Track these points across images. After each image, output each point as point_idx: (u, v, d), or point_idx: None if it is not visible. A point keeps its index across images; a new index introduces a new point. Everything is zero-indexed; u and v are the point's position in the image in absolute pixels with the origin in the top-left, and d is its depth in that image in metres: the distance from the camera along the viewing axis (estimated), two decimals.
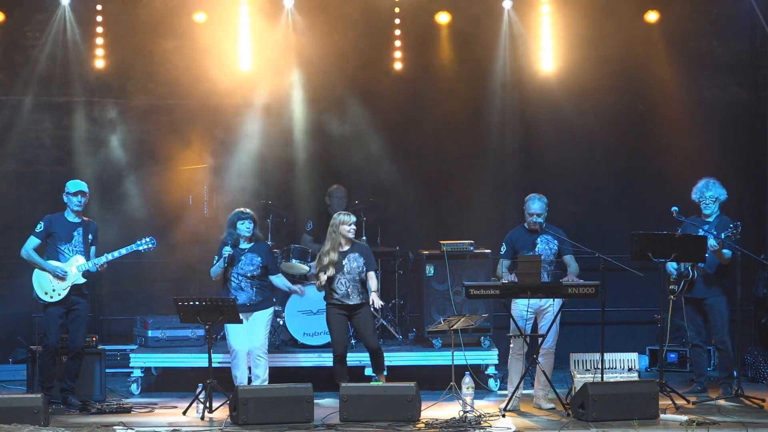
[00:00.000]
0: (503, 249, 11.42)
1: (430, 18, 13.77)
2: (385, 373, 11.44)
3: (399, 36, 13.74)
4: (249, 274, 11.37)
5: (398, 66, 13.79)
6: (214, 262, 11.45)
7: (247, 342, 11.35)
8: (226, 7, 13.48)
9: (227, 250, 11.31)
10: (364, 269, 11.31)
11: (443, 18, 13.80)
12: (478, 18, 13.70)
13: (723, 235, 11.33)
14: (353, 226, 11.34)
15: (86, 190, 11.42)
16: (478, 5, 13.69)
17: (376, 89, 13.79)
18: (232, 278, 11.39)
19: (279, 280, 11.60)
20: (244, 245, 11.41)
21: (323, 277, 11.26)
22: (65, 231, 11.36)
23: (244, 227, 11.38)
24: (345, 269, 11.26)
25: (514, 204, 11.93)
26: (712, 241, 11.36)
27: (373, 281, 11.33)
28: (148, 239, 11.53)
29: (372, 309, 11.33)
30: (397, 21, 13.71)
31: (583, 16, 13.59)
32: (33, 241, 11.36)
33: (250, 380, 11.45)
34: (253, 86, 13.76)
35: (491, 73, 13.85)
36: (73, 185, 11.40)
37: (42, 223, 11.38)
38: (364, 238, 12.86)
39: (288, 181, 13.83)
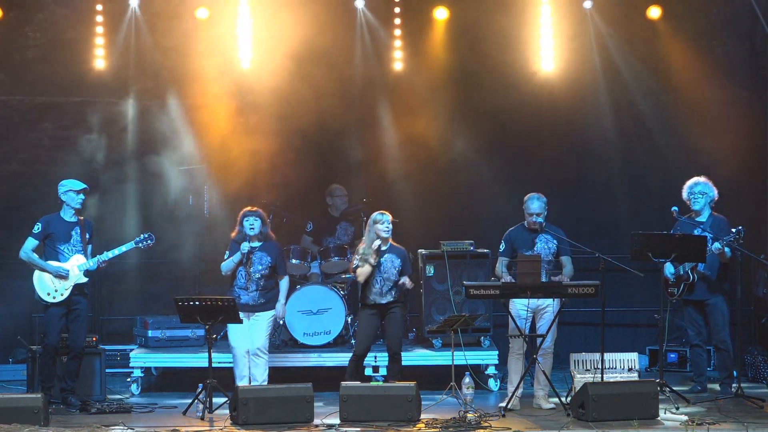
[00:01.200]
0: (502, 247, 11.41)
1: (429, 14, 13.75)
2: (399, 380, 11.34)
3: (398, 33, 13.70)
4: (257, 274, 11.37)
5: (398, 64, 13.76)
6: (225, 257, 11.44)
7: (247, 341, 11.36)
8: (227, 5, 13.47)
9: (246, 246, 11.30)
10: (401, 270, 11.30)
11: (441, 14, 13.75)
12: (477, 16, 13.69)
13: (725, 239, 11.35)
14: (387, 225, 11.30)
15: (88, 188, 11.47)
16: (476, 3, 13.68)
17: (377, 87, 13.77)
18: (239, 277, 11.40)
19: (284, 285, 11.59)
20: (254, 243, 11.40)
21: (372, 260, 11.15)
22: (63, 231, 11.35)
23: (248, 224, 11.36)
24: (381, 268, 11.26)
25: (514, 204, 11.92)
26: (717, 245, 11.37)
27: (407, 280, 11.34)
28: (146, 235, 11.54)
29: (401, 283, 11.26)
30: (397, 17, 13.67)
31: (583, 16, 13.60)
32: (31, 243, 11.34)
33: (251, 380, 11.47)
34: (253, 85, 13.75)
35: (491, 72, 13.84)
36: (76, 183, 11.39)
37: (39, 224, 11.36)
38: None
39: (288, 181, 13.82)
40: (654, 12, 13.68)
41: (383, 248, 11.27)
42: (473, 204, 13.92)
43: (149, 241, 11.53)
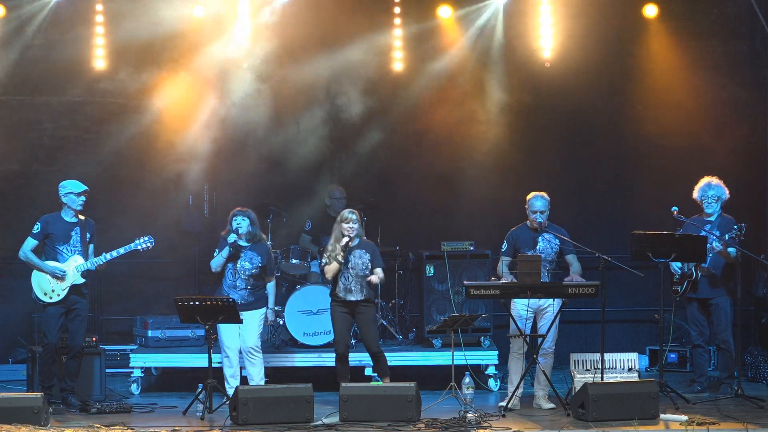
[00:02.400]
0: (504, 246, 11.41)
1: (431, 14, 13.72)
2: (389, 375, 11.38)
3: (399, 33, 13.66)
4: (247, 272, 11.38)
5: (398, 65, 13.74)
6: (215, 255, 11.46)
7: (239, 341, 11.36)
8: (225, 5, 13.46)
9: (232, 237, 11.31)
10: (370, 266, 11.28)
11: (445, 12, 13.70)
12: (477, 15, 13.69)
13: (727, 236, 11.35)
14: (352, 224, 11.29)
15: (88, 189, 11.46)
16: (475, 1, 13.69)
17: (377, 88, 13.76)
18: (228, 275, 11.41)
19: (271, 287, 11.60)
20: (243, 243, 11.41)
21: (340, 258, 11.13)
22: (63, 231, 11.35)
23: (235, 224, 11.40)
24: (349, 264, 11.25)
25: (514, 204, 11.92)
26: (716, 243, 11.38)
27: (378, 273, 11.30)
28: (146, 238, 11.53)
29: (369, 280, 11.23)
30: (398, 17, 13.64)
31: (582, 16, 13.60)
32: (30, 243, 11.34)
33: (243, 380, 11.45)
34: (253, 85, 13.73)
35: (491, 71, 13.84)
36: (77, 185, 11.39)
37: (39, 224, 11.37)
38: (365, 237, 12.84)
39: (288, 181, 13.82)
40: (650, 10, 13.63)
41: (351, 245, 11.26)
42: (473, 204, 13.90)
43: (149, 244, 11.52)
